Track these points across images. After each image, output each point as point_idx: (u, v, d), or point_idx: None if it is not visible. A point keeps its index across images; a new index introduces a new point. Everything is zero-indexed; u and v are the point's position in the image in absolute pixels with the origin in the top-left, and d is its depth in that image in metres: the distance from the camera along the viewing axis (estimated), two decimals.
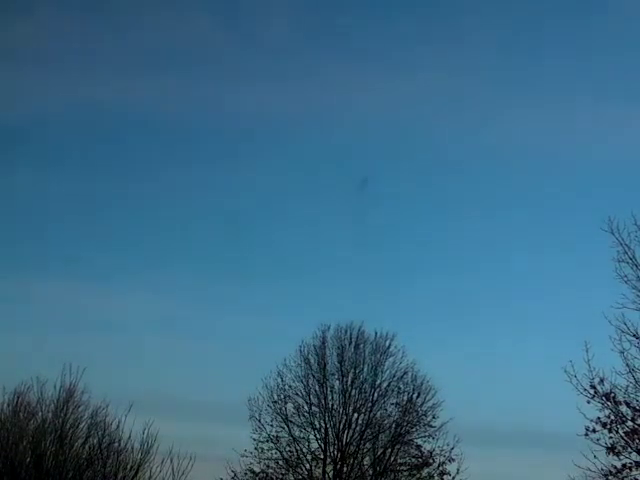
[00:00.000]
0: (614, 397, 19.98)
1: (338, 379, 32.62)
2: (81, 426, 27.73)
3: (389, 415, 32.59)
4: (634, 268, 20.12)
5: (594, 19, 53.86)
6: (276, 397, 32.55)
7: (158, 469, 25.94)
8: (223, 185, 54.75)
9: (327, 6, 56.04)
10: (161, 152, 56.43)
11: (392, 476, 32.10)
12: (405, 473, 32.22)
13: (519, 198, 55.02)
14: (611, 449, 19.67)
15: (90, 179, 52.41)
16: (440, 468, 31.65)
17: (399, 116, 53.44)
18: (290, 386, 32.70)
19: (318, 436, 32.10)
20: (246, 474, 31.70)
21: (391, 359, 32.89)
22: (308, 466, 32.00)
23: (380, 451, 32.06)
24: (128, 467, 26.38)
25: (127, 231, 53.94)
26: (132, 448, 26.45)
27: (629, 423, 19.81)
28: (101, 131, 55.25)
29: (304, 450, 32.12)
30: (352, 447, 31.90)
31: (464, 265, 50.06)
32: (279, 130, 55.05)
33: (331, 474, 31.60)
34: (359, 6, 56.33)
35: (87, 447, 27.40)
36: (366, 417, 32.27)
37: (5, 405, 28.39)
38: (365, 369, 32.73)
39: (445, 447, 31.58)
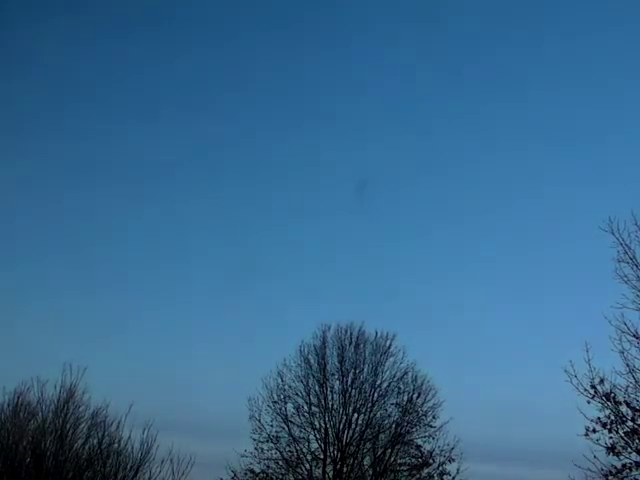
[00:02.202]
0: (614, 397, 19.98)
1: (338, 379, 32.60)
2: (81, 426, 27.73)
3: (389, 415, 32.57)
4: (634, 268, 20.12)
5: None
6: (276, 397, 32.56)
7: (158, 469, 25.96)
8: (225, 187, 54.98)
9: None
10: None
11: (392, 476, 32.04)
12: (405, 473, 32.15)
13: (518, 198, 55.00)
14: (611, 449, 19.66)
15: None
16: (440, 468, 31.60)
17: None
18: (290, 386, 32.70)
19: (318, 436, 32.07)
20: (246, 474, 31.65)
21: (391, 359, 32.91)
22: (308, 466, 31.95)
23: (380, 451, 32.02)
24: (128, 467, 26.36)
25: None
26: (132, 448, 26.47)
27: (629, 423, 19.80)
28: None
29: (304, 450, 32.09)
30: (352, 447, 31.86)
31: (464, 266, 50.10)
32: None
33: (331, 474, 31.55)
34: None
35: (87, 447, 27.39)
36: (366, 417, 32.24)
37: (5, 405, 28.41)
38: (365, 369, 32.70)
39: (445, 447, 31.59)
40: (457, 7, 54.51)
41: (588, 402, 20.15)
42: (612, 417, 19.95)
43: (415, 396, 32.44)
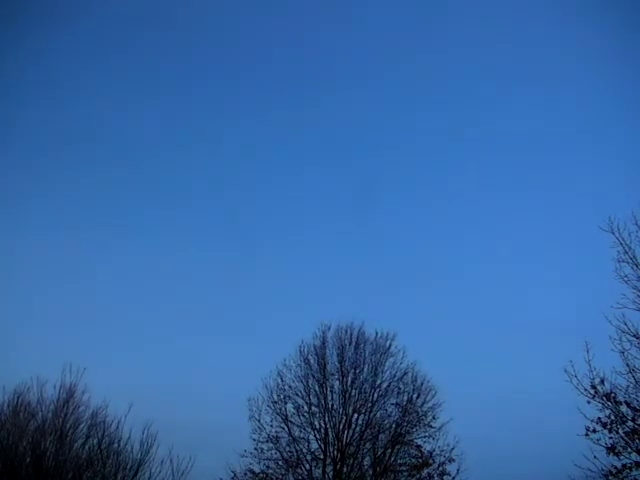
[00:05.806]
0: (614, 397, 20.00)
1: (338, 379, 32.57)
2: (81, 426, 27.80)
3: (389, 415, 32.52)
4: (634, 268, 20.16)
5: None
6: (276, 397, 32.54)
7: (158, 469, 26.00)
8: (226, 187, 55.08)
9: None
10: None
11: (392, 476, 31.96)
12: (405, 473, 32.08)
13: (518, 198, 55.05)
14: (611, 449, 19.68)
15: None
16: (440, 468, 31.56)
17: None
18: (290, 386, 32.67)
19: (318, 436, 32.02)
20: (246, 474, 31.63)
21: (391, 359, 32.89)
22: (308, 466, 31.90)
23: (380, 451, 31.97)
24: (128, 467, 26.40)
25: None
26: (132, 448, 26.51)
27: (629, 423, 19.83)
28: None
29: (304, 450, 32.03)
30: (352, 447, 31.81)
31: (463, 267, 50.13)
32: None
33: (331, 474, 31.50)
34: None
35: (87, 447, 27.44)
36: (366, 417, 32.20)
37: (5, 405, 28.45)
38: (365, 369, 32.68)
39: (445, 447, 31.57)
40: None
41: (588, 402, 20.19)
42: (612, 417, 19.97)
43: (415, 396, 32.43)
